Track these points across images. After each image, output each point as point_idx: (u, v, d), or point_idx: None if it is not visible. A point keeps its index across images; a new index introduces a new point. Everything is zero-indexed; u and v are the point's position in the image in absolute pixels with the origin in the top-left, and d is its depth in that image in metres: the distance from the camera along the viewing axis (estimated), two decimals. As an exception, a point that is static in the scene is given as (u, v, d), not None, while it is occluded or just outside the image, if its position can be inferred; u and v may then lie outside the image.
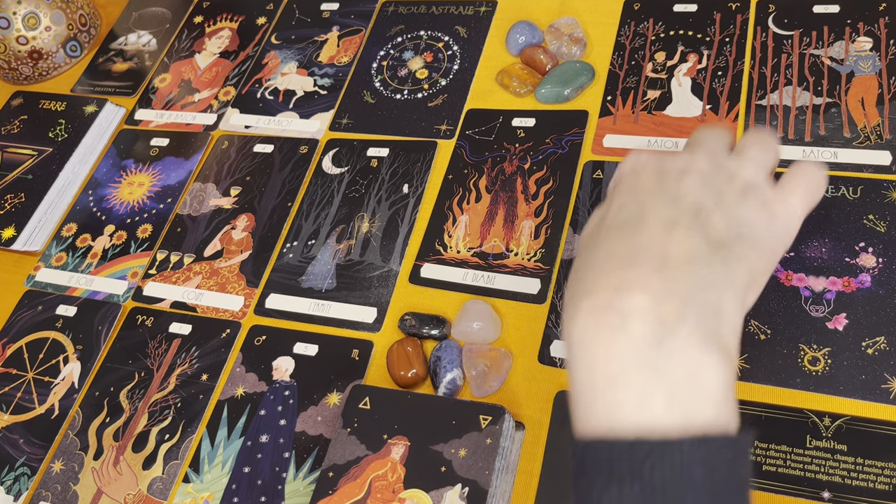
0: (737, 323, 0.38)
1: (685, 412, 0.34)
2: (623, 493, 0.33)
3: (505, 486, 0.51)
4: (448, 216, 0.66)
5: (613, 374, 0.35)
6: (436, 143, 0.71)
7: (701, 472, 0.33)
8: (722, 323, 0.37)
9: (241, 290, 0.67)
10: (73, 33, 0.90)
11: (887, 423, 0.49)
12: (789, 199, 0.44)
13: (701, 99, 0.67)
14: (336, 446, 0.52)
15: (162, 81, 0.86)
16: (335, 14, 0.85)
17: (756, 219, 0.42)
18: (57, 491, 0.61)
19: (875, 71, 0.64)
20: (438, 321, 0.60)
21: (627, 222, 0.40)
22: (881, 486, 0.47)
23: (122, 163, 0.80)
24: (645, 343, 0.35)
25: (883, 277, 0.54)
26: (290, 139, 0.76)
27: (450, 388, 0.56)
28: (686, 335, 0.35)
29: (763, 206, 0.42)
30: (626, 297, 0.36)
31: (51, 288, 0.73)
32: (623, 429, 0.34)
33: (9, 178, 0.80)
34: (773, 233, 0.42)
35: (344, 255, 0.67)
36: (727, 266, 0.38)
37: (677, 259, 0.37)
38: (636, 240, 0.39)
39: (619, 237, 0.40)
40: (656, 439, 0.33)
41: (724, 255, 0.39)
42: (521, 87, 0.71)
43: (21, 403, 0.66)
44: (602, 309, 0.36)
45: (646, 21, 0.73)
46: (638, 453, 0.33)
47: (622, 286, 0.37)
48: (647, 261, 0.37)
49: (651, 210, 0.40)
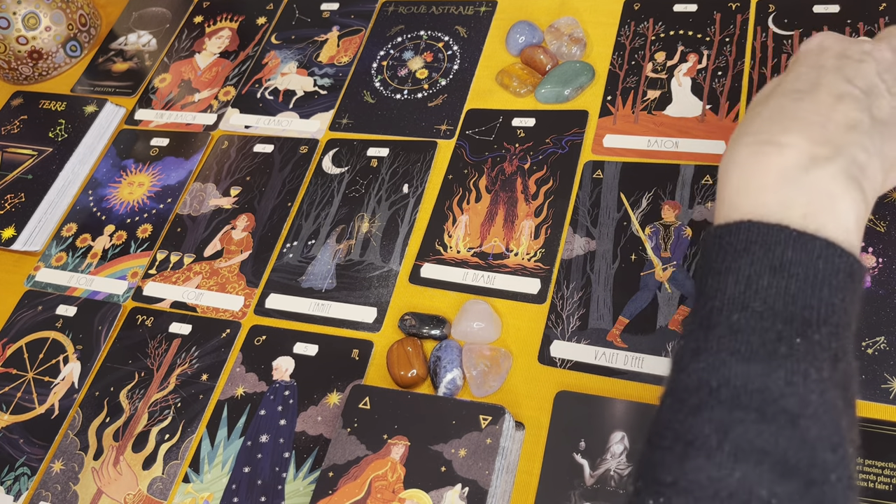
0: (877, 187, 0.41)
1: (819, 227, 0.37)
2: (754, 261, 0.37)
3: (505, 486, 0.51)
4: (448, 216, 0.66)
5: (763, 183, 0.39)
6: (436, 143, 0.71)
7: (823, 268, 0.36)
8: (865, 178, 0.40)
9: (241, 290, 0.67)
10: (73, 33, 0.90)
11: (887, 423, 0.49)
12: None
13: (701, 99, 0.67)
14: (336, 446, 0.52)
15: (162, 81, 0.86)
16: (335, 14, 0.85)
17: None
18: (57, 491, 0.61)
19: (875, 71, 0.63)
20: (438, 321, 0.60)
21: (801, 90, 0.43)
22: (881, 486, 0.47)
23: (122, 163, 0.80)
24: (796, 167, 0.39)
25: (883, 277, 0.54)
26: (290, 139, 0.76)
27: (450, 388, 0.56)
28: (832, 171, 0.39)
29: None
30: (787, 135, 0.40)
31: (51, 288, 0.73)
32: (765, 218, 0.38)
33: (9, 178, 0.80)
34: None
35: (344, 255, 0.67)
36: (883, 141, 0.42)
37: (839, 122, 0.41)
38: (805, 103, 0.42)
39: (790, 98, 0.43)
40: (794, 228, 0.37)
41: (882, 132, 0.42)
42: (521, 87, 0.71)
43: (21, 403, 0.66)
44: (762, 143, 0.40)
45: (646, 21, 0.73)
46: (776, 235, 0.37)
47: (785, 130, 0.40)
48: (811, 118, 0.41)
49: (826, 83, 0.43)
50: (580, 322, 0.58)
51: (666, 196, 0.62)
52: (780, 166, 0.39)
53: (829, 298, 0.36)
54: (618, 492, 0.49)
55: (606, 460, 0.50)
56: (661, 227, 0.61)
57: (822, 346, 0.35)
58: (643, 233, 0.61)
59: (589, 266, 0.60)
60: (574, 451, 0.51)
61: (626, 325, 0.57)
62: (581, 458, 0.51)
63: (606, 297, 0.58)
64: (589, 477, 0.50)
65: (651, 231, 0.61)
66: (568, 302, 0.59)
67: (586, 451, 0.51)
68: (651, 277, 0.58)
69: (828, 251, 0.37)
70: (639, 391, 0.54)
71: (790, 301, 0.36)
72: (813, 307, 0.36)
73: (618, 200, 0.63)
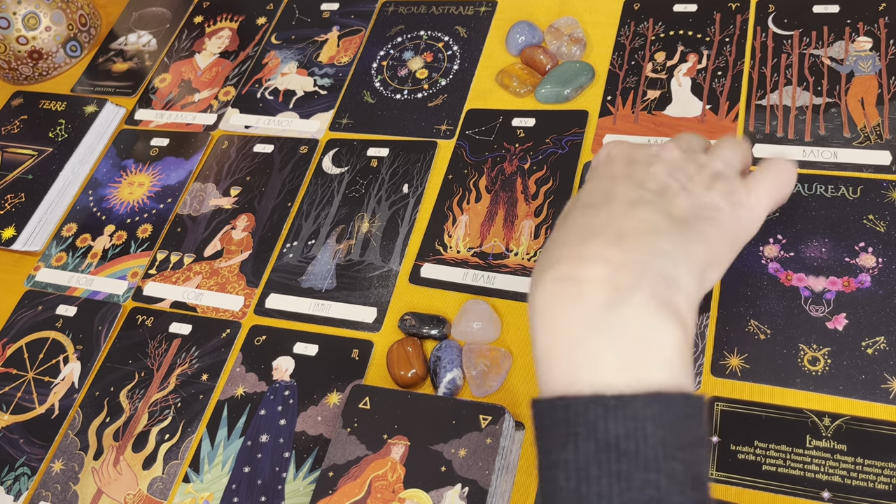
0: (692, 294, 0.39)
1: (639, 373, 0.35)
2: (579, 450, 0.34)
3: (505, 486, 0.51)
4: (448, 216, 0.66)
5: (571, 338, 0.37)
6: (436, 143, 0.71)
7: (653, 429, 0.34)
8: (677, 292, 0.38)
9: (241, 290, 0.67)
10: (73, 33, 0.90)
11: (887, 423, 0.49)
12: (756, 191, 0.46)
13: (701, 99, 0.67)
14: (336, 446, 0.52)
15: (162, 81, 0.86)
16: (335, 14, 0.85)
17: (721, 204, 0.43)
18: (57, 491, 0.61)
19: (875, 71, 0.64)
20: (438, 321, 0.60)
21: (594, 203, 0.42)
22: (881, 486, 0.47)
23: (122, 163, 0.80)
24: (600, 308, 0.37)
25: (883, 277, 0.54)
26: (290, 139, 0.76)
27: (450, 388, 0.56)
28: (640, 301, 0.37)
29: (729, 194, 0.44)
30: (585, 267, 0.38)
31: (51, 288, 0.73)
32: (579, 390, 0.36)
33: (9, 178, 0.81)
34: (737, 220, 0.44)
35: (344, 255, 0.67)
36: (687, 240, 0.40)
37: (637, 230, 0.39)
38: (599, 217, 0.41)
39: (584, 215, 0.42)
40: (611, 396, 0.34)
41: (684, 231, 0.40)
42: (521, 87, 0.71)
43: (21, 403, 0.66)
44: (562, 279, 0.38)
45: (646, 21, 0.73)
46: (593, 411, 0.34)
47: (581, 257, 0.38)
48: (607, 233, 0.39)
49: (618, 192, 0.42)
50: (580, 322, 0.58)
51: (666, 196, 0.62)
52: (584, 311, 0.37)
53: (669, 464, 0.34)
54: (617, 492, 0.49)
55: (606, 460, 0.50)
56: (661, 227, 0.61)
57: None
58: (643, 233, 0.61)
59: (589, 266, 0.60)
60: (574, 451, 0.51)
61: (625, 325, 0.57)
62: (581, 458, 0.51)
63: (606, 297, 0.58)
64: (589, 477, 0.50)
65: (651, 231, 0.61)
66: (568, 302, 0.59)
67: (586, 451, 0.51)
68: (651, 277, 0.58)
69: (654, 406, 0.34)
70: (639, 391, 0.54)
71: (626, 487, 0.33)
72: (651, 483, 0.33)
73: (618, 200, 0.63)
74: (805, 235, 0.57)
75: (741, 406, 0.52)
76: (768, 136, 0.63)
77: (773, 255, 0.57)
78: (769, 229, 0.58)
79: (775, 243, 0.57)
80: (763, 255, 0.57)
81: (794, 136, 0.62)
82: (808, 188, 0.59)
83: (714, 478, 0.49)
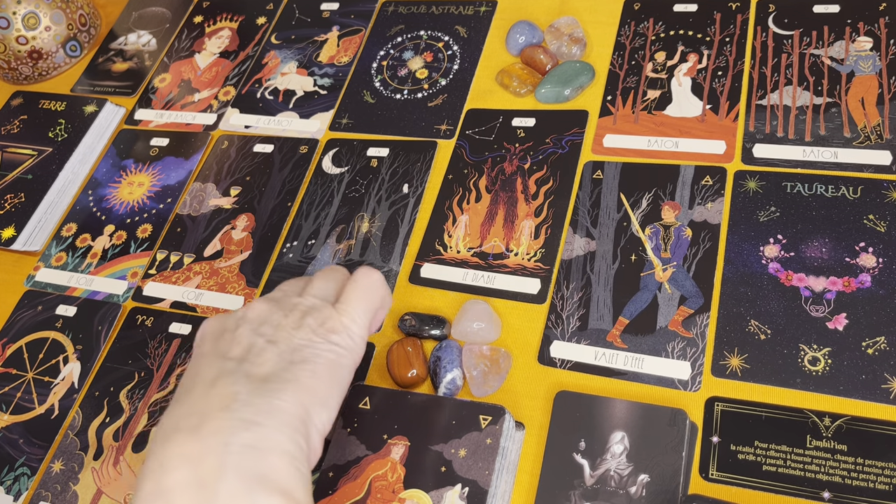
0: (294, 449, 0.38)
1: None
2: None
3: (505, 486, 0.51)
4: (448, 216, 0.66)
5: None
6: (436, 143, 0.71)
7: None
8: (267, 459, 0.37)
9: (241, 290, 0.67)
10: (72, 33, 0.90)
11: (887, 423, 0.49)
12: (348, 310, 0.47)
13: (701, 99, 0.67)
14: (336, 446, 0.52)
15: (162, 81, 0.86)
16: (335, 14, 0.85)
17: (313, 339, 0.43)
18: (57, 491, 0.61)
19: (875, 71, 0.64)
20: (438, 321, 0.60)
21: (181, 393, 0.41)
22: (881, 486, 0.47)
23: (122, 163, 0.80)
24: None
25: (883, 277, 0.54)
26: (290, 139, 0.76)
27: (450, 388, 0.56)
28: (228, 489, 0.35)
29: (320, 325, 0.44)
30: (166, 474, 0.36)
31: (51, 288, 0.73)
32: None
33: (9, 178, 0.80)
34: (335, 347, 0.44)
35: (344, 255, 0.67)
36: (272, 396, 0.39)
37: (215, 410, 0.38)
38: (182, 407, 0.39)
39: (172, 409, 0.40)
40: None
41: (266, 389, 0.39)
42: (521, 87, 0.71)
43: (21, 403, 0.66)
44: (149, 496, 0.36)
45: (646, 21, 0.73)
46: None
47: (163, 465, 0.37)
48: (186, 425, 0.38)
49: (201, 372, 0.41)
50: (580, 322, 0.58)
51: (666, 196, 0.62)
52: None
53: None
54: (618, 492, 0.49)
55: (606, 460, 0.50)
56: (661, 227, 0.61)
57: None
58: (643, 233, 0.61)
59: (589, 266, 0.60)
60: (574, 451, 0.51)
61: (626, 326, 0.57)
62: (581, 458, 0.51)
63: (606, 297, 0.58)
64: (589, 477, 0.50)
65: (651, 231, 0.61)
66: (568, 302, 0.59)
67: (586, 451, 0.51)
68: (651, 278, 0.58)
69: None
70: (639, 391, 0.54)
71: None
72: None
73: (618, 201, 0.63)
74: (805, 235, 0.57)
75: (741, 406, 0.52)
76: (769, 137, 0.63)
77: (774, 255, 0.57)
78: (770, 229, 0.58)
79: (775, 243, 0.57)
80: (763, 255, 0.57)
81: (795, 136, 0.62)
82: (809, 188, 0.59)
83: (714, 478, 0.49)
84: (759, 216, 0.59)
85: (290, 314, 0.45)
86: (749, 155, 0.62)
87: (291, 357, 0.42)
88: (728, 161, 0.62)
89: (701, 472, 0.50)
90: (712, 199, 0.61)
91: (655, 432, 0.50)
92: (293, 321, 0.45)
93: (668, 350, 0.55)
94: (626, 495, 0.49)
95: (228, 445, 0.36)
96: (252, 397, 0.39)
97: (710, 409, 0.52)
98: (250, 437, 0.37)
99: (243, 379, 0.40)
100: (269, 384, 0.40)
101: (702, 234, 0.59)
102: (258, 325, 0.44)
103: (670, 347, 0.55)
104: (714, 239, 0.59)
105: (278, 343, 0.43)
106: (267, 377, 0.40)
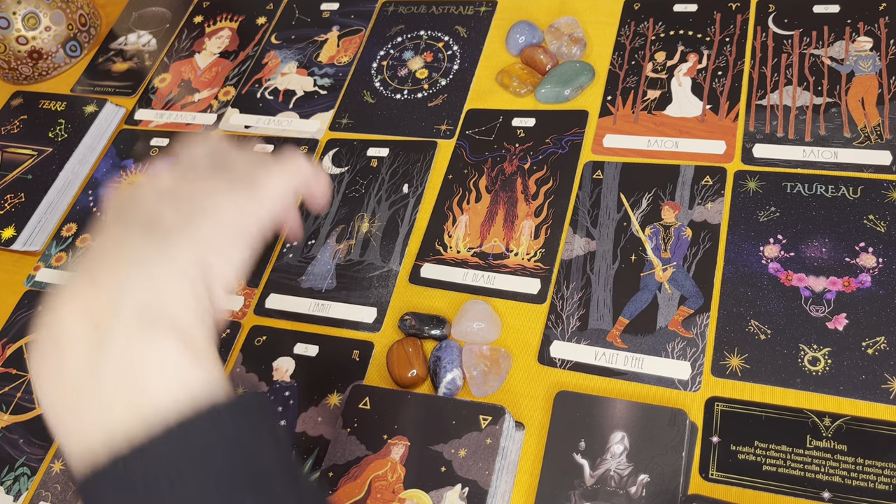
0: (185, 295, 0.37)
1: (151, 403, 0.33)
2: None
3: (505, 486, 0.51)
4: (448, 216, 0.66)
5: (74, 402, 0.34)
6: (436, 143, 0.71)
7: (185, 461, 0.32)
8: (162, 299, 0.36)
9: (240, 290, 0.67)
10: (72, 33, 0.90)
11: (887, 423, 0.49)
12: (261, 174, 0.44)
13: (701, 99, 0.67)
14: (336, 446, 0.52)
15: (162, 81, 0.86)
16: (335, 14, 0.85)
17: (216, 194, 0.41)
18: (57, 491, 0.61)
19: (875, 71, 0.64)
20: (438, 321, 0.60)
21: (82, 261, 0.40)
22: (881, 486, 0.47)
23: (122, 163, 0.80)
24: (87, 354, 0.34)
25: (883, 277, 0.54)
26: (290, 139, 0.76)
27: (450, 388, 0.56)
28: (121, 326, 0.34)
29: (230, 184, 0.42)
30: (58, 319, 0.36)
31: (50, 288, 0.73)
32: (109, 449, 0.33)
33: (9, 178, 0.80)
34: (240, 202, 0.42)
35: (344, 255, 0.67)
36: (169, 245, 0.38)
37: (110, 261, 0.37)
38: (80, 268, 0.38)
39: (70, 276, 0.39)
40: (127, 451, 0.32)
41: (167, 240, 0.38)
42: (521, 87, 0.71)
43: (21, 403, 0.66)
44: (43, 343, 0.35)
45: (646, 21, 0.73)
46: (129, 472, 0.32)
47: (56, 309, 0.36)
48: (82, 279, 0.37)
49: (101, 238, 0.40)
50: (580, 322, 0.58)
51: (666, 196, 0.62)
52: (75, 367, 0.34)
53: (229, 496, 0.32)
54: (618, 492, 0.49)
55: (606, 460, 0.50)
56: (661, 227, 0.61)
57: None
58: (643, 233, 0.61)
59: (589, 266, 0.60)
60: (574, 451, 0.51)
61: (625, 326, 0.57)
62: (581, 458, 0.51)
63: (606, 297, 0.58)
64: (589, 477, 0.50)
65: (651, 231, 0.61)
66: (568, 302, 0.59)
67: (586, 451, 0.51)
68: (651, 278, 0.58)
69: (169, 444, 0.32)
70: (639, 391, 0.54)
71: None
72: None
73: (618, 201, 0.63)
74: (805, 235, 0.57)
75: (741, 406, 0.52)
76: (769, 137, 0.63)
77: (774, 256, 0.57)
78: (770, 229, 0.58)
79: (775, 243, 0.57)
80: (763, 255, 0.57)
81: (795, 136, 0.62)
82: (809, 188, 0.59)
83: (714, 478, 0.49)
84: (759, 216, 0.59)
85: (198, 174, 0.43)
86: (749, 155, 0.62)
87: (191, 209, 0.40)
88: (728, 161, 0.62)
89: (701, 472, 0.50)
90: (712, 199, 0.61)
91: (655, 432, 0.50)
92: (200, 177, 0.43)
93: (668, 350, 0.55)
94: (626, 495, 0.49)
95: (122, 286, 0.36)
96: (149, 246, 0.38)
97: (710, 409, 0.52)
98: (145, 279, 0.36)
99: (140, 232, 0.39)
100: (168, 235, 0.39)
101: (702, 234, 0.59)
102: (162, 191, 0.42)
103: (670, 347, 0.55)
104: (714, 239, 0.59)
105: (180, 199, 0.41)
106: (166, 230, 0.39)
